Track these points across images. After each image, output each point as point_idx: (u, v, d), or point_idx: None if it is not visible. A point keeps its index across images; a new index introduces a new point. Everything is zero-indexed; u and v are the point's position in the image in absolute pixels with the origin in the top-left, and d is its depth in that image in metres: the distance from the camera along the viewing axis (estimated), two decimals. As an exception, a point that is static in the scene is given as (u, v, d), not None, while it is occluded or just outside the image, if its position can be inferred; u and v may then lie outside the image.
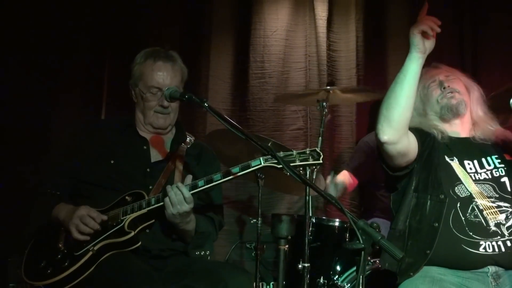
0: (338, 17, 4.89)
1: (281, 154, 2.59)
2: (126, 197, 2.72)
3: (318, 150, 2.62)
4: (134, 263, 2.56)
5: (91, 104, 4.60)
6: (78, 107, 4.56)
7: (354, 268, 3.26)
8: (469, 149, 2.79)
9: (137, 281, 2.41)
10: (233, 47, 4.83)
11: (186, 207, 2.60)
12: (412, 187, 2.70)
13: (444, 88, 2.85)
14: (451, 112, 2.82)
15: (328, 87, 3.78)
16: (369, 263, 3.29)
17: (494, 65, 4.63)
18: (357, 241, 2.03)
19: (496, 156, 2.77)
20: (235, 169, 2.63)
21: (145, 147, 2.90)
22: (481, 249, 2.52)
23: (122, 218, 2.65)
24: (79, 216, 2.61)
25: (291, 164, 2.56)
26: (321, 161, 2.62)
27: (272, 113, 4.77)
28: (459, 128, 2.86)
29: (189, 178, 2.66)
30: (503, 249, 2.53)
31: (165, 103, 2.85)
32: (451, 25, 4.92)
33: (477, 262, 2.53)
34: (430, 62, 2.89)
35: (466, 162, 2.74)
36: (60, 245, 2.66)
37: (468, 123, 2.88)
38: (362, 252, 2.02)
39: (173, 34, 4.77)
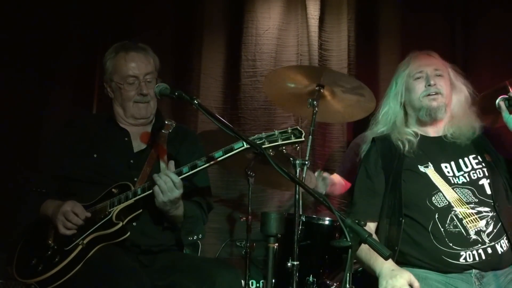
0: (330, 17, 4.91)
1: (263, 134, 2.61)
2: (113, 190, 2.73)
3: (299, 128, 2.62)
4: (123, 260, 2.57)
5: (82, 101, 4.59)
6: (70, 104, 4.56)
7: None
8: (444, 149, 2.73)
9: (125, 279, 2.41)
10: (225, 45, 4.85)
11: (177, 192, 2.61)
12: (384, 213, 2.68)
13: (429, 85, 2.74)
14: (429, 116, 2.75)
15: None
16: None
17: (485, 65, 4.66)
18: (345, 239, 2.04)
19: (474, 156, 2.71)
20: (218, 154, 2.63)
21: (126, 139, 2.91)
22: (461, 259, 2.49)
23: (109, 210, 2.66)
24: (63, 212, 2.61)
25: (274, 144, 2.59)
26: (303, 139, 2.62)
27: (263, 112, 4.79)
28: (433, 130, 2.81)
29: (172, 164, 2.66)
30: (483, 257, 2.50)
31: (144, 91, 2.87)
32: (443, 24, 4.95)
33: (458, 270, 2.51)
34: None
35: (443, 165, 2.69)
36: (50, 241, 2.67)
37: (443, 124, 2.81)
38: (349, 250, 2.03)
39: (165, 32, 4.78)
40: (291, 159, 3.23)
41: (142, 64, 2.90)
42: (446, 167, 2.68)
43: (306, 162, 3.33)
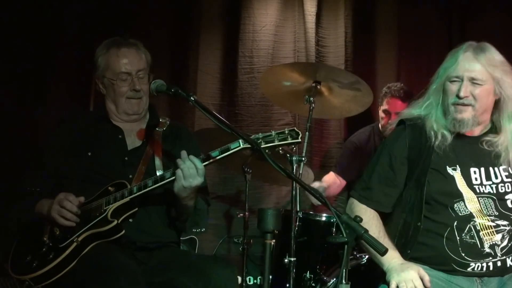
0: (327, 13, 4.92)
1: (260, 135, 2.59)
2: (109, 188, 2.72)
3: (296, 129, 2.60)
4: (118, 257, 2.56)
5: (79, 99, 4.58)
6: (67, 101, 4.54)
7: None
8: (475, 153, 2.58)
9: (120, 277, 2.40)
10: (222, 42, 4.84)
11: (198, 180, 2.58)
12: (401, 206, 2.60)
13: (459, 97, 2.52)
14: (453, 127, 2.57)
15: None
16: (357, 256, 3.32)
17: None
18: (341, 235, 2.05)
19: (504, 167, 2.57)
20: (214, 153, 2.62)
21: (120, 136, 2.90)
22: (469, 269, 2.46)
23: (105, 208, 2.65)
24: (57, 201, 2.62)
25: (270, 145, 2.57)
26: (299, 140, 2.60)
27: (260, 108, 4.79)
28: (469, 131, 2.61)
29: (184, 154, 2.64)
30: (491, 268, 2.46)
31: (137, 87, 2.87)
32: (440, 21, 4.96)
33: (463, 275, 2.49)
34: (420, 53, 2.68)
35: (472, 170, 2.56)
36: (45, 239, 2.67)
37: (481, 128, 2.62)
38: (346, 246, 2.04)
39: (162, 28, 4.77)
40: (288, 155, 3.23)
41: (134, 60, 2.89)
42: (475, 172, 2.56)
43: (303, 159, 3.33)
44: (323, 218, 3.58)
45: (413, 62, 4.92)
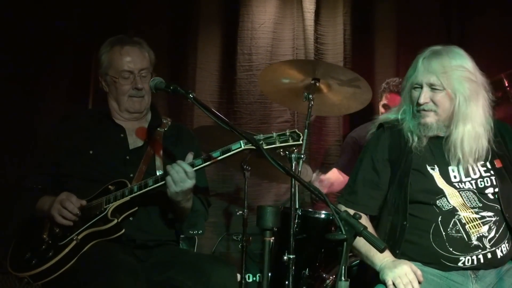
0: (326, 10, 4.92)
1: (261, 136, 2.59)
2: (109, 186, 2.72)
3: (297, 131, 2.62)
4: (118, 255, 2.56)
5: (77, 98, 4.57)
6: (65, 100, 4.54)
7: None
8: (452, 151, 2.59)
9: (120, 273, 2.41)
10: (221, 40, 4.84)
11: (189, 183, 2.60)
12: (387, 209, 2.61)
13: (419, 104, 2.58)
14: (419, 132, 2.60)
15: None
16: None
17: (480, 58, 4.64)
18: (340, 232, 2.05)
19: (482, 163, 2.60)
20: (215, 154, 2.63)
21: (122, 135, 2.91)
22: (459, 264, 2.47)
23: (105, 207, 2.66)
24: (59, 200, 2.63)
25: (271, 146, 2.58)
26: (300, 142, 2.62)
27: (259, 106, 4.79)
28: (442, 131, 2.64)
29: (190, 155, 2.65)
30: (482, 261, 2.48)
31: (139, 85, 2.87)
32: (439, 18, 4.96)
33: (455, 270, 2.50)
34: (419, 50, 2.68)
35: (450, 168, 2.59)
36: (45, 236, 2.67)
37: (453, 126, 2.59)
38: (344, 243, 2.04)
39: (161, 26, 4.76)
40: (287, 153, 3.23)
41: (137, 59, 2.90)
42: (453, 170, 2.59)
43: (302, 156, 3.33)
44: (322, 216, 3.58)
45: (412, 59, 4.84)
